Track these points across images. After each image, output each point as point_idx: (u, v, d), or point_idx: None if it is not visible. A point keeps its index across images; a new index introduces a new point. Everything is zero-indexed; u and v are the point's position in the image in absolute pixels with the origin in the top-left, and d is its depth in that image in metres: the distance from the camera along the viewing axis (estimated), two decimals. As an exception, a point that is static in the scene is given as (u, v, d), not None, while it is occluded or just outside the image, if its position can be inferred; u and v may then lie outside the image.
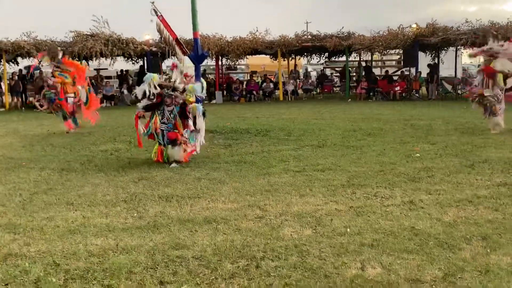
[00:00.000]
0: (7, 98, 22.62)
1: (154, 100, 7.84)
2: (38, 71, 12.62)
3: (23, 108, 21.64)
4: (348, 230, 4.55)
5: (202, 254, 4.00)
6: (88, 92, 12.86)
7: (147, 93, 7.80)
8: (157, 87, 7.79)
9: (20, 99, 22.96)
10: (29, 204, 5.68)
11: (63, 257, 4.00)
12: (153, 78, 7.85)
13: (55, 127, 12.61)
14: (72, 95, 12.38)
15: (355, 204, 5.39)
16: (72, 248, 4.21)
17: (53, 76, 12.35)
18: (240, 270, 3.71)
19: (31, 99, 22.77)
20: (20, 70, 24.70)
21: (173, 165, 7.74)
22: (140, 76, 24.12)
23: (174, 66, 8.15)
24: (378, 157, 8.04)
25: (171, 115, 7.86)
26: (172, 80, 7.93)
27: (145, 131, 7.97)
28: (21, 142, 10.86)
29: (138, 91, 8.03)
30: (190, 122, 7.90)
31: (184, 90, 7.88)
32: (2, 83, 23.64)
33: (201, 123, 8.11)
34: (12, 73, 23.84)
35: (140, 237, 4.46)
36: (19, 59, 24.27)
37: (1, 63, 23.74)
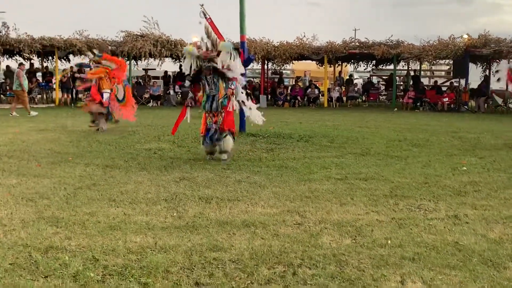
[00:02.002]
0: (57, 94, 23.31)
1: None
2: (89, 68, 12.79)
3: (73, 105, 22.21)
4: (389, 242, 4.44)
5: (239, 258, 3.98)
6: (124, 86, 12.77)
7: (193, 65, 8.25)
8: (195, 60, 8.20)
9: (70, 96, 23.61)
10: (72, 198, 5.79)
11: (102, 253, 4.05)
12: (188, 50, 8.26)
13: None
14: (109, 90, 12.29)
15: (397, 216, 5.27)
16: (112, 244, 4.26)
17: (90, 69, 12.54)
18: (277, 276, 3.67)
19: (80, 95, 23.42)
20: (71, 68, 25.42)
21: (224, 156, 8.12)
22: (180, 76, 24.43)
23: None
24: (423, 169, 7.85)
25: (214, 81, 8.19)
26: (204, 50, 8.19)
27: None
28: (69, 138, 11.13)
29: (185, 65, 8.48)
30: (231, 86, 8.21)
31: (218, 53, 8.15)
32: (53, 79, 24.39)
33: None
34: (64, 70, 24.55)
35: (179, 237, 4.48)
36: (70, 57, 25.00)
37: (53, 59, 24.53)
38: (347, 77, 29.53)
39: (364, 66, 28.58)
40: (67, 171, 7.33)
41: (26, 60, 25.64)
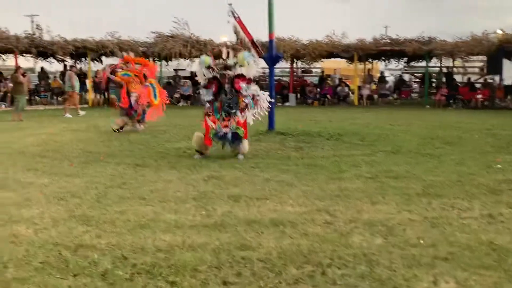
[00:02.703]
0: (90, 95, 23.68)
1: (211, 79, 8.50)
2: (120, 70, 12.85)
3: (105, 105, 22.52)
4: (422, 241, 4.33)
5: (267, 257, 3.94)
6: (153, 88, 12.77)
7: (205, 74, 8.49)
8: (210, 69, 8.43)
9: (102, 96, 23.96)
10: (103, 197, 5.84)
11: (131, 251, 4.07)
12: (205, 60, 8.48)
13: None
14: (136, 93, 12.36)
15: (430, 215, 5.15)
16: (141, 242, 4.28)
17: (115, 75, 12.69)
18: (305, 276, 3.61)
19: (112, 96, 23.74)
20: (104, 69, 25.78)
21: (240, 156, 8.35)
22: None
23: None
24: (456, 167, 7.67)
25: (232, 90, 8.37)
26: (224, 57, 8.44)
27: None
28: (100, 137, 11.28)
29: (198, 75, 8.72)
30: (244, 92, 8.29)
31: (235, 63, 8.34)
32: (87, 81, 24.79)
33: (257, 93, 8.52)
34: (96, 71, 24.92)
35: (207, 236, 4.46)
36: (103, 58, 25.36)
37: (86, 61, 24.93)
38: (379, 75, 29.18)
39: (395, 63, 28.21)
40: (98, 170, 7.41)
41: (59, 62, 26.13)
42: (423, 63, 25.77)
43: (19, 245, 4.22)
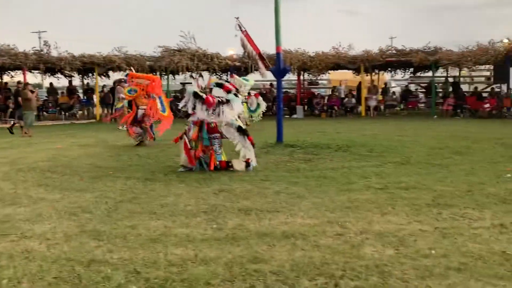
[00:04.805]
0: (98, 110, 23.83)
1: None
2: (127, 84, 12.95)
3: (112, 119, 22.62)
4: (433, 252, 4.32)
5: (280, 270, 3.94)
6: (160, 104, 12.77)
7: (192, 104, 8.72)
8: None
9: (109, 111, 24.10)
10: (114, 212, 5.87)
11: (144, 265, 4.08)
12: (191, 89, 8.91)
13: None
14: (144, 107, 12.42)
15: (440, 225, 5.13)
16: (153, 257, 4.29)
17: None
18: (318, 288, 3.61)
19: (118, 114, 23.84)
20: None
21: (250, 168, 8.53)
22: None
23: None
24: (466, 177, 7.65)
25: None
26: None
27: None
28: (109, 152, 11.34)
29: (189, 104, 8.81)
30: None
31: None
32: (94, 95, 24.97)
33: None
34: (103, 86, 25.12)
35: (219, 249, 4.47)
36: (110, 73, 25.54)
37: (94, 76, 25.13)
38: (382, 86, 29.20)
39: (401, 73, 28.25)
40: (108, 185, 7.45)
41: (67, 77, 26.29)
42: (430, 73, 25.82)
43: (32, 260, 4.25)
